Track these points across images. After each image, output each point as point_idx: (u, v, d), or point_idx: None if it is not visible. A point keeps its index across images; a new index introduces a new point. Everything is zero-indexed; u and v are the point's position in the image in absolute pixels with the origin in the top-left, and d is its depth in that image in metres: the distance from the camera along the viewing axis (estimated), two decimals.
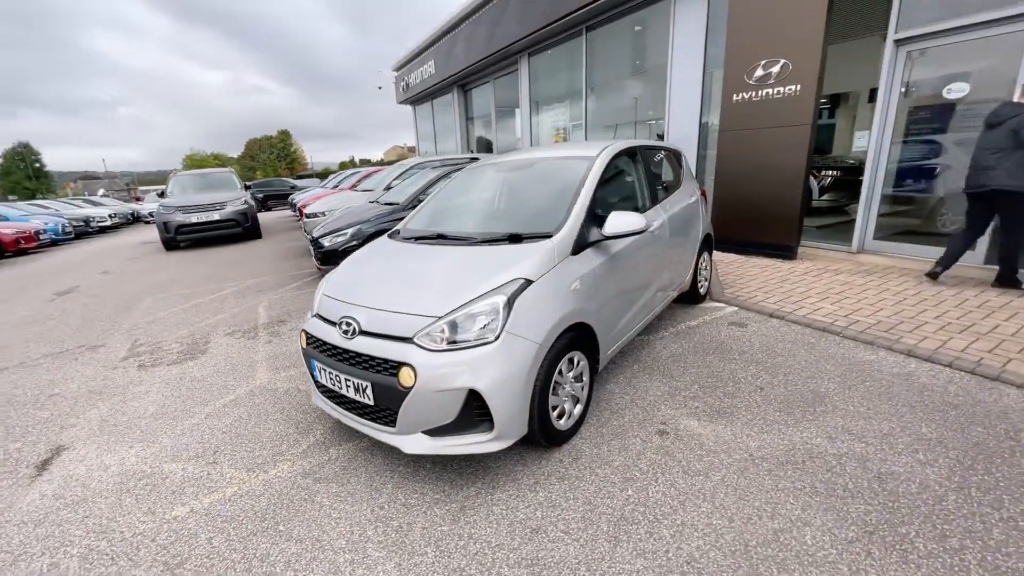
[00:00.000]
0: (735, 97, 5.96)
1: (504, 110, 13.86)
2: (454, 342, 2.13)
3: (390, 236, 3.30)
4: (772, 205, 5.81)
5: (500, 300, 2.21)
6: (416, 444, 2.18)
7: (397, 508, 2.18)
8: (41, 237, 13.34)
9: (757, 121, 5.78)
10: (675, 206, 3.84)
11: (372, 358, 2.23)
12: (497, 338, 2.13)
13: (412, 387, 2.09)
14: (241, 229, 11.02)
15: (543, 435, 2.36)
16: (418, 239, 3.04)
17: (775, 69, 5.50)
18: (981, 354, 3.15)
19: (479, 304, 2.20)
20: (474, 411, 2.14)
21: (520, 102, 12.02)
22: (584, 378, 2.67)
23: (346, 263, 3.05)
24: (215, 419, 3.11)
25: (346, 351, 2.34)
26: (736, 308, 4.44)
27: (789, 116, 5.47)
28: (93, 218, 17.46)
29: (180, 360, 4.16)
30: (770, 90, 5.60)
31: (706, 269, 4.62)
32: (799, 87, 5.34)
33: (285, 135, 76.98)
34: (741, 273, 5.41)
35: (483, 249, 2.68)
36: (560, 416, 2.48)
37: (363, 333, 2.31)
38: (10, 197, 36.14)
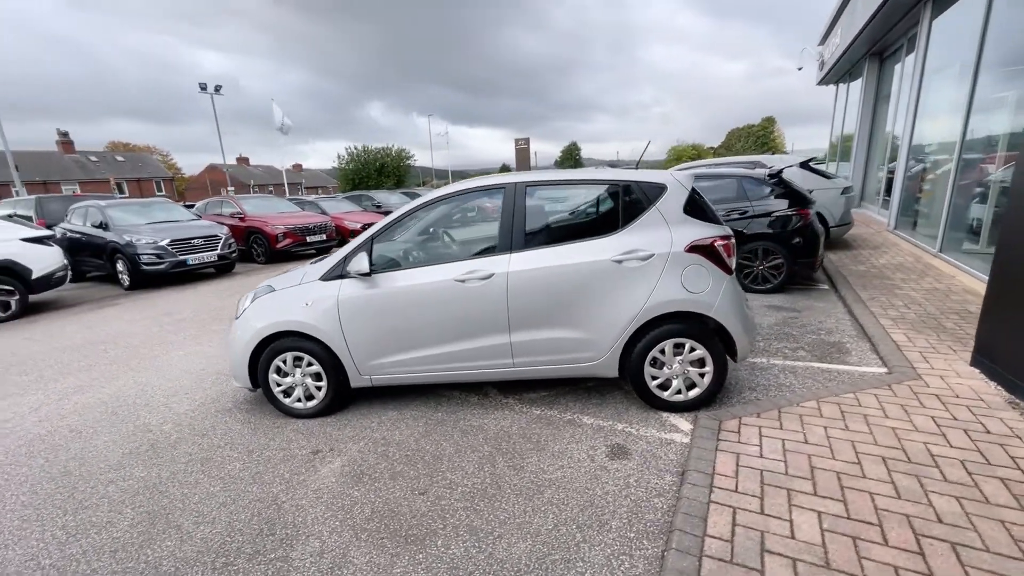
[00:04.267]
0: None
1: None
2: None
3: None
4: None
5: (251, 295, 3.35)
6: None
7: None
8: None
9: None
10: (562, 260, 2.93)
11: None
12: (239, 317, 3.33)
13: None
14: None
15: (269, 400, 3.34)
16: None
17: None
18: None
19: (247, 295, 3.42)
20: None
21: (907, 74, 8.03)
22: (321, 382, 3.26)
23: None
24: None
25: None
26: (684, 438, 2.74)
27: None
28: None
29: None
30: None
31: (702, 367, 2.96)
32: None
33: (768, 122, 74.50)
34: (895, 416, 2.78)
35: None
36: (287, 395, 3.31)
37: None
38: None
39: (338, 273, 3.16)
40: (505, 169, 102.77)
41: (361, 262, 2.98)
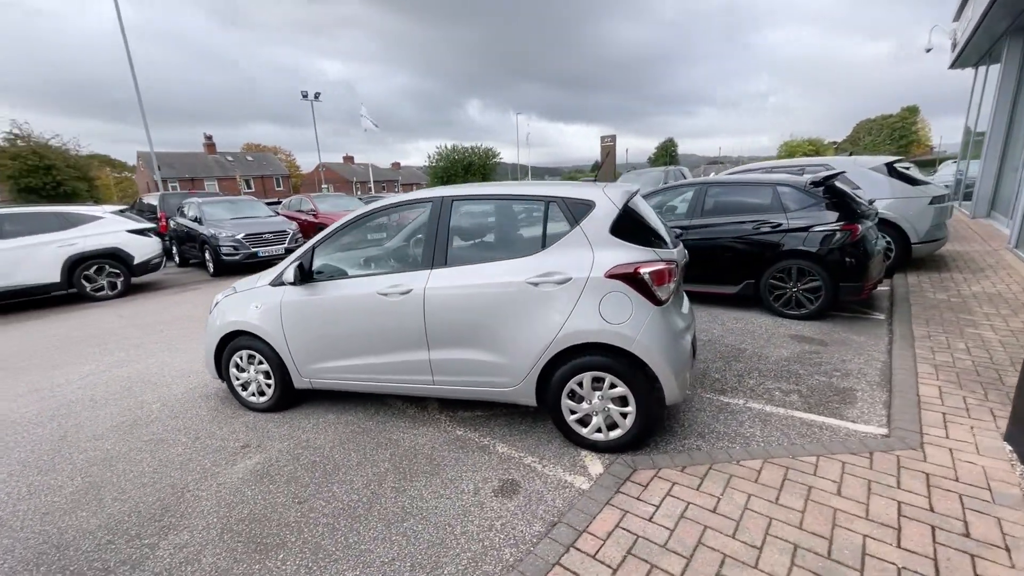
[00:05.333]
0: None
1: None
2: None
3: None
4: None
5: (222, 294, 3.68)
6: None
7: None
8: None
9: None
10: (479, 279, 2.80)
11: None
12: (211, 314, 3.67)
13: None
14: None
15: (230, 392, 3.65)
16: None
17: None
18: None
19: (219, 294, 3.75)
20: None
21: None
22: (271, 379, 3.47)
23: None
24: None
25: None
26: (586, 484, 2.47)
27: None
28: None
29: None
30: None
31: (624, 406, 2.65)
32: None
33: (910, 112, 64.03)
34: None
35: None
36: (244, 389, 3.59)
37: None
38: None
39: (282, 280, 3.34)
40: (596, 167, 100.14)
41: (289, 273, 3.13)
